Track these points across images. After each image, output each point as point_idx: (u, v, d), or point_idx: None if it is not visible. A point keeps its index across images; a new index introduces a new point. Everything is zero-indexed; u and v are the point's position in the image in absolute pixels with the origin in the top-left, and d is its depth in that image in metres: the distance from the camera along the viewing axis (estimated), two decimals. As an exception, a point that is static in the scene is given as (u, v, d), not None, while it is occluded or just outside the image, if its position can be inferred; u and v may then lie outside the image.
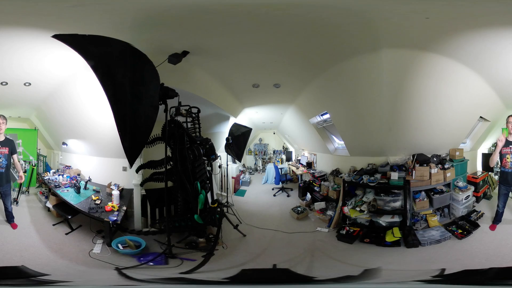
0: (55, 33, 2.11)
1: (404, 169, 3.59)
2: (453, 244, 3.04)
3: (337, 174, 4.27)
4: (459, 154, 3.89)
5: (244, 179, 5.74)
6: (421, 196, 3.54)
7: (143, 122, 2.48)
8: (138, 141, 2.49)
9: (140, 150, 2.61)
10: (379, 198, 3.51)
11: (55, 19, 2.29)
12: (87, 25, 2.39)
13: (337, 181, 4.13)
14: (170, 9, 2.32)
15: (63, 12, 2.23)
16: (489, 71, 3.10)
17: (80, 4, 2.19)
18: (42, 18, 2.28)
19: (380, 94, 3.31)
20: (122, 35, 2.28)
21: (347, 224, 3.58)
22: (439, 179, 3.56)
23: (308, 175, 4.91)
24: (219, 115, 4.45)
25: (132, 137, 2.39)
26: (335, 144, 4.81)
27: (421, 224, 3.49)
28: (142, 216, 3.57)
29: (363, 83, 3.34)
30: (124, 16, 2.35)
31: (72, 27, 2.30)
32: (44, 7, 2.17)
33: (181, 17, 2.42)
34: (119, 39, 2.23)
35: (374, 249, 3.12)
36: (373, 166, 3.84)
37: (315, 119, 4.59)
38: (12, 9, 2.14)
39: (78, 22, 2.35)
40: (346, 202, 3.77)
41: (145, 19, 2.40)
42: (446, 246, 3.03)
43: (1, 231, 3.08)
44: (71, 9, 2.21)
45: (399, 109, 3.41)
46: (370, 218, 3.51)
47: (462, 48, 2.79)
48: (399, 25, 2.53)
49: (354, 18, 2.45)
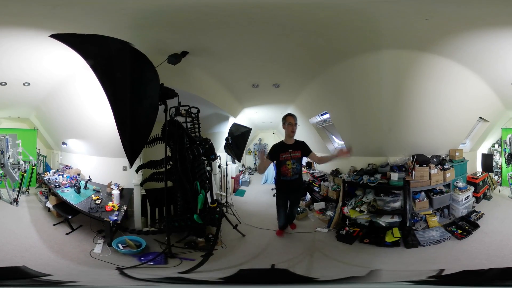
0: (53, 32, 2.12)
1: (404, 170, 3.58)
2: (453, 245, 3.04)
3: (337, 174, 4.26)
4: (459, 155, 3.89)
5: (244, 179, 5.74)
6: (421, 196, 3.53)
7: (143, 122, 2.48)
8: (138, 141, 2.49)
9: (140, 149, 2.61)
10: (379, 199, 3.51)
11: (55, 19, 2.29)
12: (86, 25, 2.38)
13: (337, 181, 4.13)
14: (169, 9, 2.31)
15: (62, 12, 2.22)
16: (489, 71, 3.10)
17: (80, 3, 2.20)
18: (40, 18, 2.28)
19: (380, 95, 3.30)
20: (122, 35, 2.29)
21: (347, 225, 3.58)
22: (439, 180, 3.56)
23: (308, 175, 4.90)
24: (218, 115, 4.45)
25: (132, 136, 2.39)
26: (335, 144, 4.80)
27: (420, 225, 3.49)
28: (142, 215, 3.57)
29: (363, 83, 3.34)
30: (123, 16, 2.35)
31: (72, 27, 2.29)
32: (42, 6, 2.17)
33: (181, 17, 2.42)
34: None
35: (373, 249, 3.12)
36: (373, 167, 3.83)
37: (315, 119, 4.59)
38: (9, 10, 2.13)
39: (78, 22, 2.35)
40: (346, 202, 3.77)
41: (145, 19, 2.40)
42: (445, 246, 3.02)
43: (1, 231, 3.08)
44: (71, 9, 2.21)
45: (399, 110, 3.41)
46: (370, 219, 3.51)
47: (462, 49, 2.79)
48: (399, 25, 2.52)
49: (354, 18, 2.45)
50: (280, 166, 3.15)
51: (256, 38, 2.77)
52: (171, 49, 2.85)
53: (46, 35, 2.13)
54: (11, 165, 3.76)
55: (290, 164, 3.11)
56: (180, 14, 2.37)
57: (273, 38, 2.78)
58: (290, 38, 2.78)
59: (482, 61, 2.93)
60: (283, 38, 2.78)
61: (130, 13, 2.33)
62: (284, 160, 3.12)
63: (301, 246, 3.23)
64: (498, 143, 4.50)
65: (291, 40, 2.81)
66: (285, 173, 3.13)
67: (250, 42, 2.85)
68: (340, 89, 3.62)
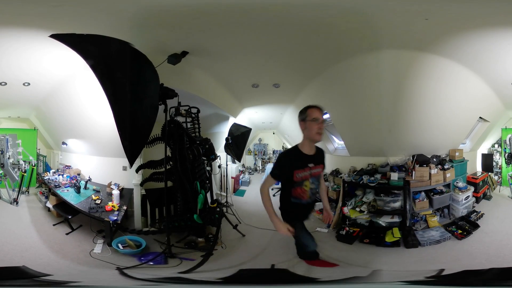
0: (53, 32, 2.11)
1: (404, 170, 3.58)
2: (453, 245, 3.04)
3: (337, 174, 4.26)
4: (459, 155, 3.89)
5: (244, 179, 5.74)
6: (421, 196, 3.53)
7: (143, 122, 2.48)
8: (138, 141, 2.49)
9: (140, 149, 2.61)
10: (379, 199, 3.51)
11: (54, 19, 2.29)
12: (86, 25, 2.38)
13: (337, 181, 4.13)
14: (169, 9, 2.31)
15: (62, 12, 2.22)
16: (489, 71, 3.10)
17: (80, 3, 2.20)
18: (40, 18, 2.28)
19: (380, 95, 3.30)
20: (122, 35, 2.28)
21: (347, 225, 3.58)
22: (439, 180, 3.55)
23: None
24: (218, 115, 4.45)
25: (132, 136, 2.39)
26: (335, 144, 4.80)
27: (420, 225, 3.49)
28: (142, 215, 3.57)
29: (363, 83, 3.34)
30: (123, 16, 2.35)
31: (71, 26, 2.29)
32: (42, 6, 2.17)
33: (181, 17, 2.42)
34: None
35: (373, 249, 3.12)
36: (373, 167, 3.83)
37: (315, 119, 4.58)
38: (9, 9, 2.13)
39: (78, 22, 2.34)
40: (346, 202, 3.77)
41: (145, 19, 2.40)
42: (445, 246, 3.02)
43: (1, 231, 3.07)
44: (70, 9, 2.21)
45: (399, 110, 3.41)
46: (370, 219, 3.50)
47: (462, 48, 2.79)
48: (399, 25, 2.52)
49: (354, 18, 2.44)
50: (293, 186, 2.10)
51: (256, 38, 2.77)
52: (171, 49, 2.85)
53: (46, 35, 2.13)
54: (11, 165, 3.76)
55: (309, 184, 2.10)
56: (180, 14, 2.37)
57: (273, 38, 2.78)
58: (290, 38, 2.78)
59: (482, 61, 2.93)
60: (283, 38, 2.78)
61: (130, 13, 2.33)
62: (301, 180, 2.08)
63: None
64: (498, 143, 4.50)
65: (291, 40, 2.81)
66: (300, 196, 2.11)
67: (250, 42, 2.85)
68: (340, 89, 3.62)
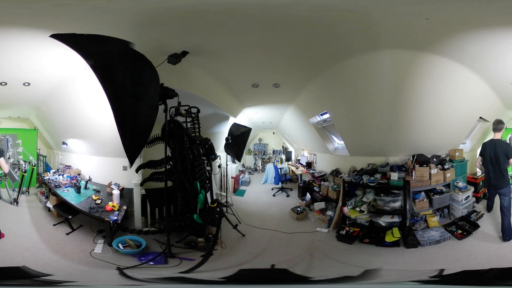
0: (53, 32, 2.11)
1: (404, 170, 3.59)
2: (453, 245, 3.04)
3: (337, 174, 4.26)
4: (459, 155, 3.88)
5: (244, 179, 5.73)
6: (421, 196, 3.53)
7: (143, 122, 2.48)
8: (138, 141, 2.49)
9: (140, 149, 2.61)
10: (379, 198, 3.51)
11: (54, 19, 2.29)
12: (86, 25, 2.38)
13: (337, 181, 4.13)
14: (169, 10, 2.31)
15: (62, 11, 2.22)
16: (489, 71, 3.10)
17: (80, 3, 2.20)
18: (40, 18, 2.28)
19: (380, 94, 3.30)
20: (122, 35, 2.28)
21: (347, 225, 3.58)
22: (439, 180, 3.55)
23: (308, 175, 4.91)
24: (218, 115, 4.45)
25: (132, 136, 2.39)
26: (335, 144, 4.80)
27: (420, 225, 3.49)
28: (142, 215, 3.57)
29: (363, 83, 3.34)
30: (123, 16, 2.35)
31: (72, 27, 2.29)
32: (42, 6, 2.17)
33: (181, 18, 2.42)
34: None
35: (373, 249, 3.12)
36: (373, 166, 3.83)
37: (315, 119, 4.58)
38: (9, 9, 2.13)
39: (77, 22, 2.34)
40: (346, 202, 3.77)
41: (145, 20, 2.40)
42: (445, 246, 3.03)
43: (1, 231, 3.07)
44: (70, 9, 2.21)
45: (399, 109, 3.41)
46: (370, 219, 3.51)
47: (462, 48, 2.78)
48: (399, 25, 2.52)
49: (354, 18, 2.44)
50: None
51: (256, 38, 2.77)
52: (171, 49, 2.86)
53: (46, 35, 2.13)
54: (11, 165, 3.76)
55: None
56: (180, 14, 2.37)
57: (273, 38, 2.78)
58: (290, 38, 2.78)
59: (482, 61, 2.93)
60: (283, 38, 2.78)
61: (130, 13, 2.33)
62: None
63: (301, 246, 3.23)
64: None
65: (291, 40, 2.81)
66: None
67: (250, 42, 2.84)
68: (340, 89, 3.62)
